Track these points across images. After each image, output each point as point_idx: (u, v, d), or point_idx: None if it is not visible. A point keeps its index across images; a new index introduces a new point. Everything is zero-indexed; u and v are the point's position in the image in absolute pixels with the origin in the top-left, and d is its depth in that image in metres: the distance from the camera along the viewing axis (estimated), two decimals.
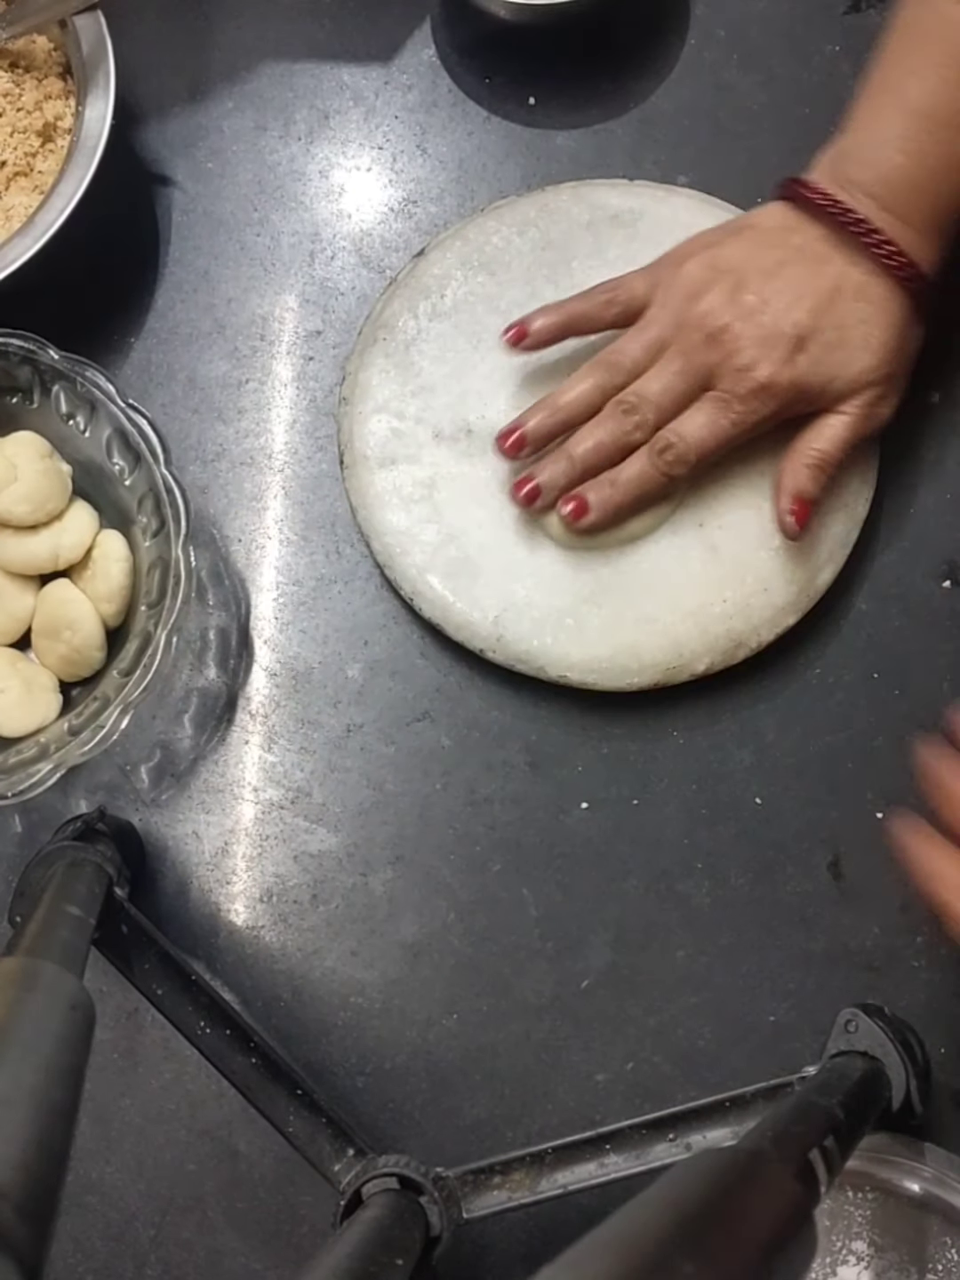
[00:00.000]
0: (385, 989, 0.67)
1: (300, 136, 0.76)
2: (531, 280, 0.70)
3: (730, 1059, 0.65)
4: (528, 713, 0.68)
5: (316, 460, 0.72)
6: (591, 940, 0.66)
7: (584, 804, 0.67)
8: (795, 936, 0.66)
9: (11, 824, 0.69)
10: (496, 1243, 0.63)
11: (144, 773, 0.69)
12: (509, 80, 0.75)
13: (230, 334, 0.73)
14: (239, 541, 0.71)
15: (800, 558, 0.66)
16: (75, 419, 0.66)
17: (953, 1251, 0.59)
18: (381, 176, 0.75)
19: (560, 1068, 0.65)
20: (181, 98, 0.76)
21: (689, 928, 0.66)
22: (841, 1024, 0.59)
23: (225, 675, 0.70)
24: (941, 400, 0.70)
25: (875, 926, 0.65)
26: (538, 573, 0.67)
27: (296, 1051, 0.66)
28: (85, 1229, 0.65)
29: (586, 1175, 0.58)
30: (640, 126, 0.74)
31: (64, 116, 0.71)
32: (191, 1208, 0.65)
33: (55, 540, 0.66)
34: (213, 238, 0.75)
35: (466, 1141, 0.65)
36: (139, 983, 0.61)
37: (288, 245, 0.74)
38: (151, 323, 0.74)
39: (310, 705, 0.69)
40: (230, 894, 0.68)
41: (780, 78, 0.74)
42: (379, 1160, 0.58)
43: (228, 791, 0.69)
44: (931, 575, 0.69)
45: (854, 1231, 0.60)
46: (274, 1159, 0.65)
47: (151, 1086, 0.66)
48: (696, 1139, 0.58)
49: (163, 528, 0.63)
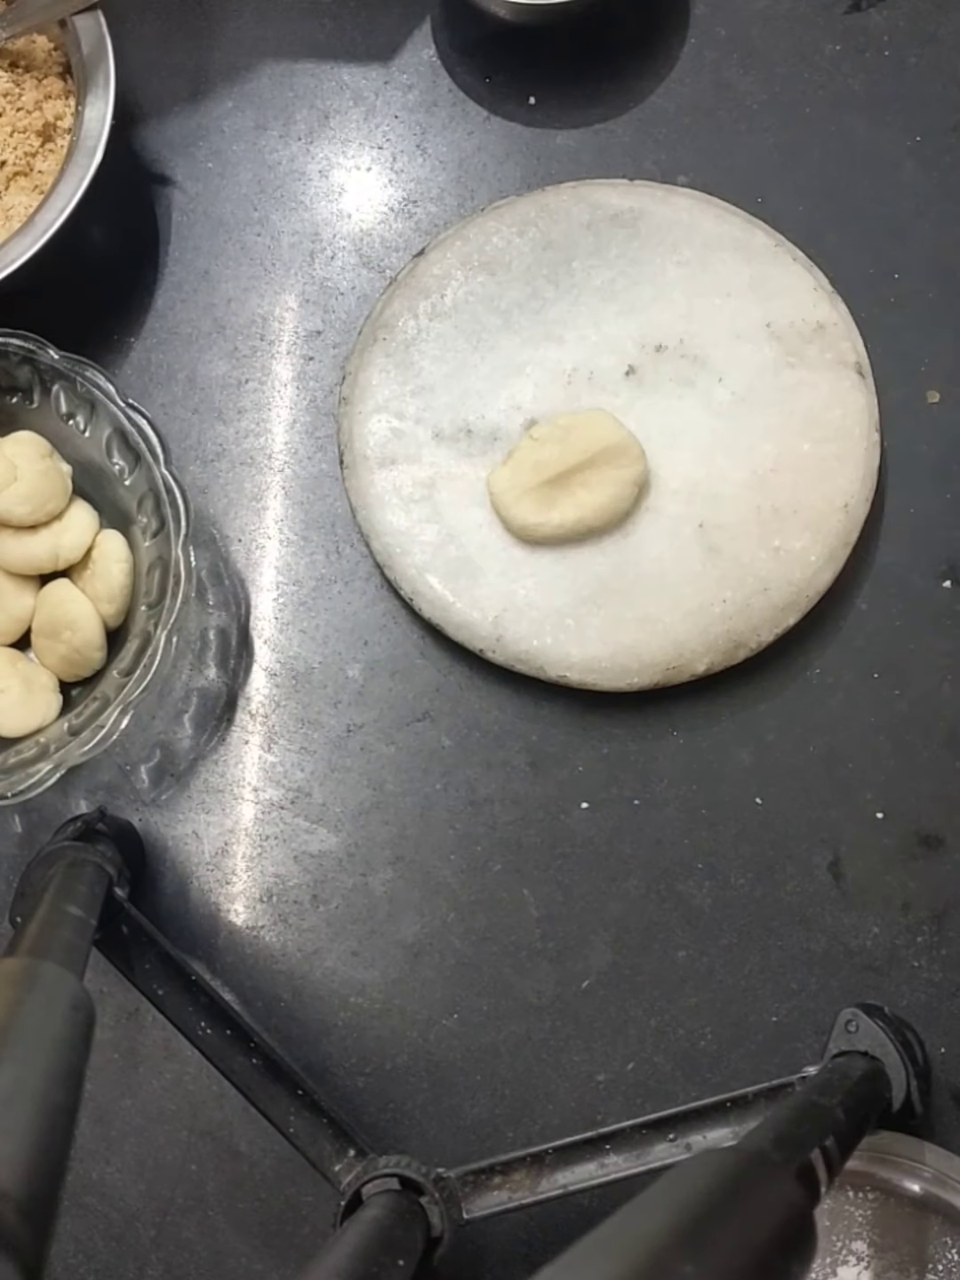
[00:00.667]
0: (385, 989, 0.67)
1: (300, 136, 0.76)
2: (531, 280, 0.70)
3: (731, 1059, 0.65)
4: (528, 713, 0.68)
5: (316, 460, 0.72)
6: (592, 940, 0.66)
7: (584, 804, 0.67)
8: (795, 936, 0.66)
9: (11, 824, 0.69)
10: (497, 1243, 0.63)
11: (144, 773, 0.69)
12: (509, 80, 0.75)
13: (230, 334, 0.73)
14: (239, 541, 0.71)
15: (800, 558, 0.66)
16: (75, 419, 0.66)
17: (953, 1252, 0.59)
18: (381, 176, 0.75)
19: (561, 1068, 0.65)
20: (181, 98, 0.76)
21: (690, 928, 0.66)
22: (842, 1024, 0.59)
23: (225, 675, 0.70)
24: (941, 400, 0.70)
25: (875, 926, 0.65)
26: (538, 573, 0.67)
27: (297, 1052, 0.66)
28: (86, 1229, 0.65)
29: (587, 1175, 0.58)
30: (640, 126, 0.74)
31: (64, 116, 0.71)
32: (192, 1208, 0.65)
33: (55, 540, 0.66)
34: (213, 238, 0.75)
35: (467, 1141, 0.65)
36: (139, 983, 0.61)
37: (288, 245, 0.74)
38: (151, 323, 0.74)
39: (310, 705, 0.69)
40: (230, 894, 0.68)
41: (780, 77, 0.74)
42: (379, 1160, 0.58)
43: (228, 791, 0.69)
44: (931, 575, 0.69)
45: (854, 1232, 0.60)
46: (275, 1159, 0.65)
47: (152, 1087, 0.66)
48: (697, 1139, 0.58)
49: (163, 528, 0.63)
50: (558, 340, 0.70)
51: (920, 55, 0.73)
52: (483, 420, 0.69)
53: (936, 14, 0.74)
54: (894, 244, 0.71)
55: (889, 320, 0.70)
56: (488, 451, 0.68)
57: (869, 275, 0.71)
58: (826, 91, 0.73)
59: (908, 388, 0.70)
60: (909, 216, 0.72)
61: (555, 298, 0.70)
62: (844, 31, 0.74)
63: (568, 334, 0.70)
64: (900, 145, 0.72)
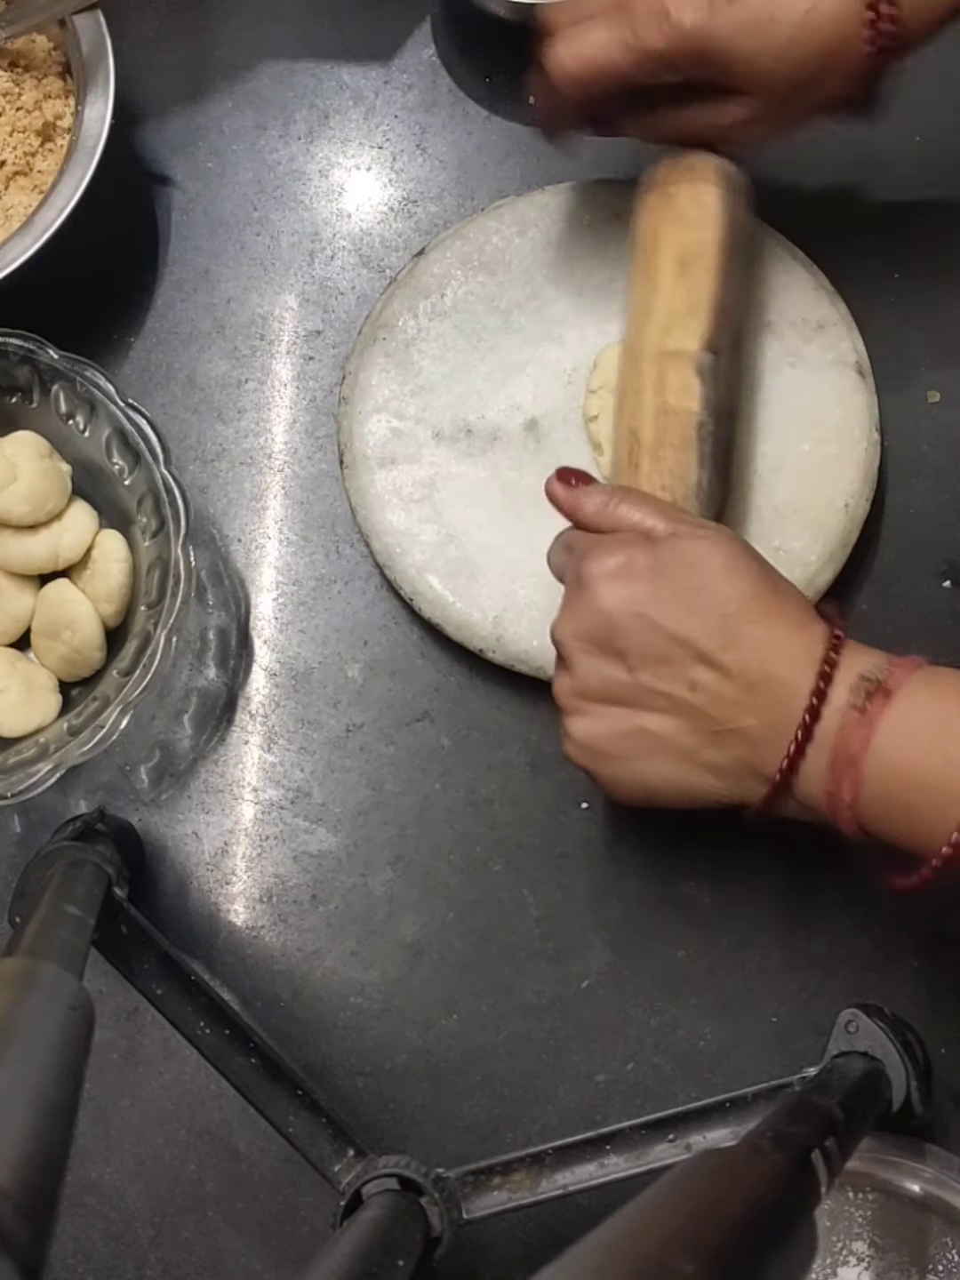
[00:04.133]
0: (385, 989, 0.66)
1: (300, 136, 0.76)
2: (531, 280, 0.70)
3: (731, 1059, 0.65)
4: (528, 713, 0.68)
5: (316, 460, 0.72)
6: (592, 940, 0.66)
7: (584, 804, 0.67)
8: (795, 936, 0.66)
9: (11, 824, 0.69)
10: (497, 1243, 0.63)
11: (144, 773, 0.69)
12: (509, 80, 0.75)
13: (230, 334, 0.73)
14: (239, 541, 0.71)
15: (800, 558, 0.66)
16: (75, 418, 0.66)
17: (953, 1252, 0.59)
18: (381, 176, 0.75)
19: (561, 1068, 0.65)
20: (181, 98, 0.76)
21: (690, 928, 0.66)
22: (842, 1024, 0.59)
23: (225, 675, 0.70)
24: (942, 400, 0.70)
25: (875, 926, 0.65)
26: (538, 573, 0.67)
27: (296, 1051, 0.66)
28: (85, 1229, 0.65)
29: (587, 1176, 0.58)
30: None
31: (63, 116, 0.71)
32: (191, 1208, 0.65)
33: (55, 540, 0.66)
34: (213, 237, 0.75)
35: (466, 1142, 0.65)
36: (139, 983, 0.61)
37: (288, 245, 0.74)
38: (151, 322, 0.74)
39: (310, 705, 0.69)
40: (230, 894, 0.68)
41: None
42: (379, 1161, 0.58)
43: (228, 791, 0.69)
44: (931, 575, 0.68)
45: (854, 1232, 0.60)
46: (274, 1159, 0.65)
47: (151, 1086, 0.66)
48: (697, 1139, 0.58)
49: (162, 527, 0.63)
50: (558, 340, 0.70)
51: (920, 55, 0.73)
52: (483, 420, 0.69)
53: None
54: (894, 244, 0.71)
55: (889, 320, 0.70)
56: (488, 451, 0.68)
57: (869, 275, 0.71)
58: None
59: (908, 388, 0.70)
60: (909, 216, 0.72)
61: (555, 298, 0.70)
62: None
63: (568, 334, 0.70)
64: (900, 145, 0.72)
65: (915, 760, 0.50)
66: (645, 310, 0.63)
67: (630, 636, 0.54)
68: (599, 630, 0.55)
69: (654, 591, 0.54)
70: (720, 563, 0.54)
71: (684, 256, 0.62)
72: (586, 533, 0.58)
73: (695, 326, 0.61)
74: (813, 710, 0.51)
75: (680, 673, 0.53)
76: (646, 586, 0.54)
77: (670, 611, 0.53)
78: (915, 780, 0.50)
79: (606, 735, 0.56)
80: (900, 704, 0.50)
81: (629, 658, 0.54)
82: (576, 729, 0.57)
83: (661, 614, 0.53)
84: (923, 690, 0.51)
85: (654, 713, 0.55)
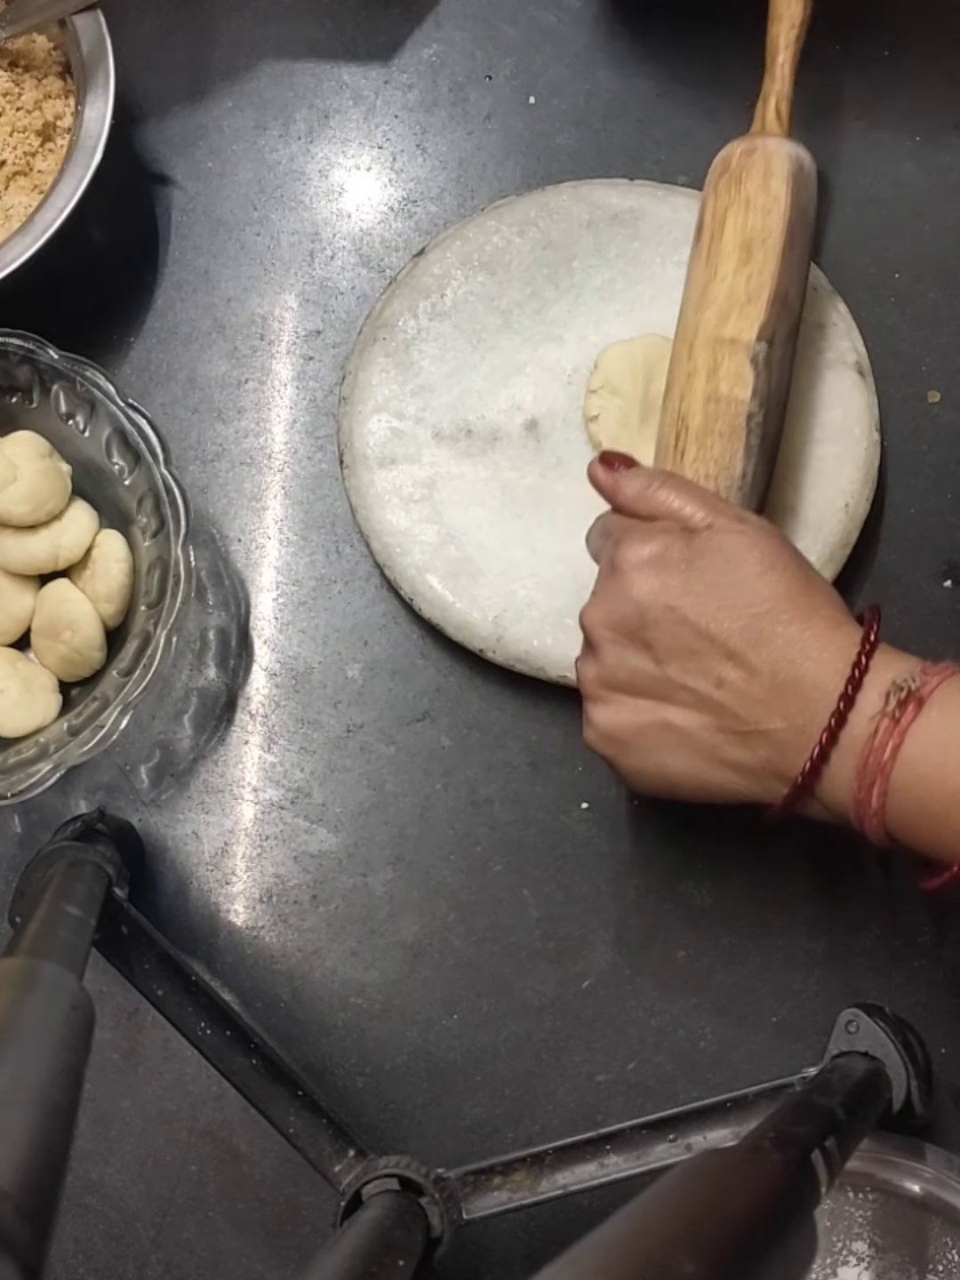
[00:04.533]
0: (385, 989, 0.66)
1: (300, 136, 0.76)
2: (531, 280, 0.70)
3: (731, 1059, 0.65)
4: (528, 713, 0.68)
5: (316, 460, 0.72)
6: (592, 940, 0.66)
7: (584, 804, 0.67)
8: (796, 936, 0.66)
9: (11, 824, 0.69)
10: (497, 1243, 0.63)
11: (144, 773, 0.69)
12: (509, 80, 0.75)
13: (230, 333, 0.73)
14: (239, 541, 0.71)
15: None
16: (75, 418, 0.66)
17: (953, 1252, 0.59)
18: (381, 176, 0.75)
19: (561, 1068, 0.65)
20: (181, 98, 0.76)
21: (690, 928, 0.66)
22: (842, 1024, 0.59)
23: (225, 675, 0.70)
24: (942, 400, 0.70)
25: (875, 926, 0.65)
26: (538, 573, 0.67)
27: (296, 1052, 0.66)
28: (86, 1229, 0.65)
29: (587, 1176, 0.58)
30: (640, 126, 0.74)
31: (63, 116, 0.71)
32: (192, 1208, 0.65)
33: (55, 540, 0.66)
34: (213, 237, 0.75)
35: (467, 1142, 0.65)
36: (139, 983, 0.61)
37: (288, 245, 0.74)
38: (151, 322, 0.74)
39: (310, 705, 0.69)
40: (230, 894, 0.68)
41: None
42: (379, 1161, 0.58)
43: (228, 791, 0.69)
44: (931, 575, 0.68)
45: (854, 1232, 0.60)
46: (275, 1159, 0.65)
47: (152, 1087, 0.66)
48: (697, 1139, 0.58)
49: (162, 527, 0.63)
50: (558, 340, 0.70)
51: (920, 55, 0.73)
52: (483, 420, 0.69)
53: (936, 14, 0.74)
54: (894, 244, 0.71)
55: (889, 320, 0.70)
56: (488, 451, 0.68)
57: (869, 275, 0.71)
58: (826, 91, 0.73)
59: (908, 388, 0.70)
60: (909, 216, 0.72)
61: (555, 298, 0.70)
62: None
63: (568, 334, 0.70)
64: (900, 145, 0.72)
65: (947, 771, 0.49)
66: (704, 294, 0.62)
67: (659, 628, 0.53)
68: (629, 620, 0.54)
69: (686, 584, 0.53)
70: (756, 559, 0.53)
71: (748, 242, 0.62)
72: (625, 517, 0.57)
73: (754, 314, 0.61)
74: (839, 715, 0.51)
75: (708, 669, 0.53)
76: (679, 578, 0.53)
77: (701, 606, 0.53)
78: (947, 791, 0.49)
79: (630, 726, 0.55)
80: (931, 712, 0.50)
81: (657, 650, 0.54)
82: (600, 717, 0.56)
83: (692, 608, 0.53)
84: (956, 699, 0.50)
85: (679, 707, 0.54)
